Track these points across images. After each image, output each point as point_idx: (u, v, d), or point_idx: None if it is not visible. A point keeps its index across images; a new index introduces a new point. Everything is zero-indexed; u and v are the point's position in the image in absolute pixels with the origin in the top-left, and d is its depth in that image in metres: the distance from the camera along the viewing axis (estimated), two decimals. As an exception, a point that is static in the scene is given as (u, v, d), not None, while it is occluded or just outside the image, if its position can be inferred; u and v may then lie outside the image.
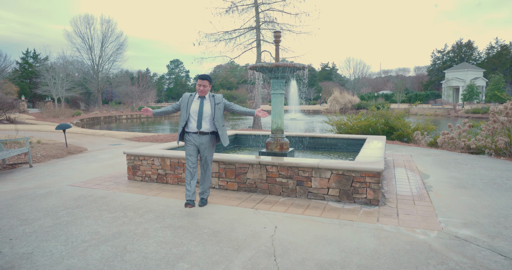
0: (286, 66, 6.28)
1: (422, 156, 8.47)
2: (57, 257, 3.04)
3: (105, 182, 5.77)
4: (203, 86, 4.31)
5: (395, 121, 12.49)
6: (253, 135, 8.87)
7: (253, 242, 3.34)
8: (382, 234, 3.52)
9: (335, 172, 4.62)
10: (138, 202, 4.65)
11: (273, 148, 6.66)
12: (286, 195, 4.90)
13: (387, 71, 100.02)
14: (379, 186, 4.45)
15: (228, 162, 5.18)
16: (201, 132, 4.31)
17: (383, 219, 3.96)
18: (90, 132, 15.60)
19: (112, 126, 31.62)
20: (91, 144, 11.26)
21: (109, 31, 50.29)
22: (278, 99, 6.75)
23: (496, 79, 48.97)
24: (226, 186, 5.25)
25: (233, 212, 4.23)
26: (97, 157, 8.44)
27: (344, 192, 4.61)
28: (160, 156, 5.62)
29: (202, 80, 4.31)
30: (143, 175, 5.83)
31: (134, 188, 5.37)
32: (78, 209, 4.34)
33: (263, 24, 14.54)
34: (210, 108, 4.34)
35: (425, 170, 6.77)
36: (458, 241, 3.36)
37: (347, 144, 8.16)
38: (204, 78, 4.33)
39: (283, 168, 4.87)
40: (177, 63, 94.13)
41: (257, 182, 5.05)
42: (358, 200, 4.56)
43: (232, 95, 61.49)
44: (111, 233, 3.57)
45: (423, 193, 5.05)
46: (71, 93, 45.59)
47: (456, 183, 5.66)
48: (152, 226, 3.74)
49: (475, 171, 6.66)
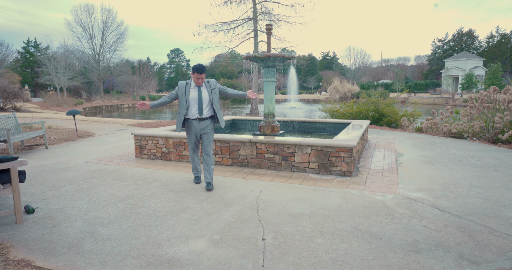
0: (276, 56, 6.97)
1: (404, 139, 9.21)
2: (84, 211, 3.82)
3: (115, 160, 6.54)
4: (201, 79, 4.39)
5: (384, 108, 13.20)
6: (248, 120, 9.60)
7: (241, 201, 4.12)
8: (347, 196, 4.29)
9: (314, 148, 5.37)
10: (146, 174, 5.42)
11: (265, 130, 7.40)
12: (273, 168, 5.67)
13: (387, 60, 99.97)
14: (351, 159, 5.21)
15: (223, 140, 5.93)
16: (200, 118, 4.49)
17: (352, 186, 4.73)
18: (95, 119, 16.36)
19: (114, 115, 32.36)
20: (98, 129, 12.02)
21: (110, 20, 50.55)
22: (269, 86, 7.46)
23: (494, 68, 49.33)
24: (221, 162, 6.02)
25: (227, 181, 5.00)
26: (105, 140, 9.21)
27: (322, 165, 5.37)
28: (164, 136, 6.37)
29: (200, 74, 4.35)
30: (149, 153, 6.60)
31: (142, 164, 6.14)
32: (95, 179, 5.12)
33: (260, 15, 15.11)
34: (208, 94, 4.48)
35: (402, 150, 7.52)
36: (408, 200, 4.13)
37: (335, 127, 8.89)
38: (201, 71, 4.35)
39: (271, 145, 5.62)
40: (178, 52, 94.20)
41: (248, 157, 5.81)
42: (334, 172, 5.32)
43: (233, 84, 61.99)
44: (125, 195, 4.35)
45: (392, 168, 5.80)
46: (73, 83, 46.18)
47: (425, 160, 6.41)
48: (159, 191, 4.52)
49: (446, 151, 7.41)
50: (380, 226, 3.36)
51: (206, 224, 3.44)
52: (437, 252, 2.85)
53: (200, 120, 4.53)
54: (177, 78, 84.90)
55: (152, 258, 2.78)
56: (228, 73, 79.13)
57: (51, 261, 2.76)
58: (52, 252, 2.91)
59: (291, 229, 3.31)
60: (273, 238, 3.11)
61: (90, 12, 49.50)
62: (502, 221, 3.50)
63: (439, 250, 2.89)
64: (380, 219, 3.55)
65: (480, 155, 6.94)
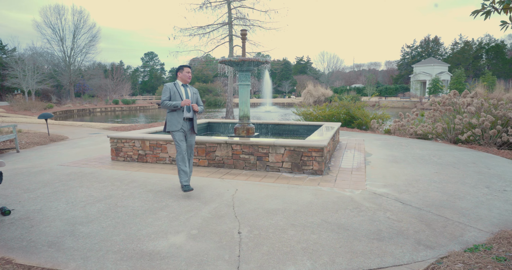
0: (250, 60, 7.21)
1: (373, 140, 9.66)
2: (62, 211, 3.88)
3: (91, 162, 6.54)
4: (190, 73, 4.61)
5: (355, 111, 13.73)
6: (224, 123, 9.78)
7: (217, 199, 4.29)
8: (318, 193, 4.55)
9: (287, 149, 5.63)
10: (123, 175, 5.49)
11: (240, 132, 7.61)
12: (248, 168, 5.87)
13: (359, 65, 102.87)
14: (322, 159, 5.49)
15: (200, 142, 6.08)
16: (186, 118, 4.50)
17: (323, 183, 5.00)
18: (67, 123, 16.02)
19: (86, 119, 31.61)
20: (71, 133, 11.82)
21: (81, 22, 49.39)
22: (244, 90, 7.68)
23: (458, 74, 51.87)
24: (198, 163, 6.16)
25: (203, 181, 5.16)
26: (79, 144, 9.11)
27: (295, 164, 5.63)
28: (141, 138, 6.44)
29: (189, 68, 4.64)
30: (125, 155, 6.64)
31: (118, 166, 6.19)
32: (71, 181, 5.14)
33: (235, 20, 15.36)
34: (191, 95, 4.60)
35: (370, 150, 7.92)
36: (374, 195, 4.44)
37: (307, 129, 9.22)
38: (189, 66, 4.66)
39: (246, 146, 5.83)
40: (152, 56, 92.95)
41: (224, 158, 5.99)
42: (306, 171, 5.59)
43: (208, 88, 61.87)
44: (103, 195, 4.42)
45: (361, 167, 6.15)
46: (42, 86, 44.68)
47: (391, 159, 6.81)
48: (137, 191, 4.62)
49: (411, 150, 7.87)
50: (347, 219, 3.63)
51: (184, 220, 3.59)
52: (397, 239, 3.14)
53: (186, 120, 4.57)
54: (151, 82, 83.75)
55: (133, 252, 2.91)
56: (203, 77, 78.86)
57: (32, 258, 2.84)
58: (33, 250, 2.98)
59: (265, 223, 3.52)
60: (249, 232, 3.31)
61: (60, 14, 48.18)
62: (456, 211, 3.86)
63: (399, 237, 3.18)
64: (348, 212, 3.82)
65: (441, 154, 7.43)
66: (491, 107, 9.14)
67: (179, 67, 4.69)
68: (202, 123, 9.60)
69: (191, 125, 4.67)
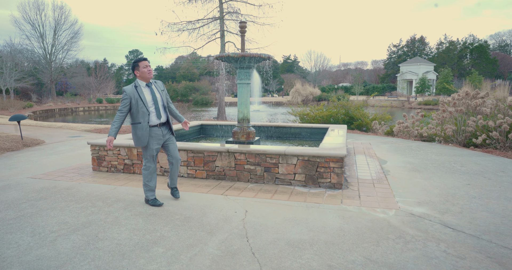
0: (252, 56, 6.39)
1: (380, 144, 8.97)
2: (24, 248, 2.98)
3: (68, 174, 5.60)
4: (149, 66, 3.84)
5: (355, 112, 13.04)
6: (219, 125, 8.92)
7: (225, 225, 3.45)
8: (346, 214, 3.77)
9: (301, 158, 4.83)
10: (106, 192, 4.59)
11: (239, 137, 6.78)
12: (254, 181, 5.05)
13: (346, 64, 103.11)
14: (342, 170, 4.72)
15: (196, 150, 5.22)
16: (161, 124, 3.92)
17: (347, 201, 4.22)
18: (46, 124, 14.84)
19: (68, 119, 30.17)
20: (48, 136, 10.75)
21: (62, 18, 47.55)
22: (244, 89, 6.86)
23: (445, 73, 52.17)
24: (195, 175, 5.30)
25: (204, 198, 4.31)
26: (56, 149, 8.11)
27: (309, 177, 4.84)
28: (127, 146, 5.54)
29: (147, 61, 3.85)
30: (109, 165, 5.72)
31: (100, 179, 5.27)
32: (42, 201, 4.21)
33: (227, 15, 14.47)
34: (159, 95, 3.93)
35: (383, 156, 7.20)
36: (413, 217, 3.68)
37: (311, 133, 8.45)
38: (146, 58, 3.88)
39: (251, 156, 5.00)
40: (137, 54, 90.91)
41: (225, 169, 5.15)
42: (323, 184, 4.80)
43: (195, 87, 60.53)
44: (80, 222, 3.52)
45: (381, 177, 5.40)
46: (21, 84, 42.76)
47: (410, 167, 6.09)
48: (123, 215, 3.74)
49: (427, 156, 7.18)
50: (396, 255, 2.85)
51: (187, 262, 2.75)
52: (472, 289, 2.38)
53: (161, 126, 3.96)
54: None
55: None
56: (190, 76, 77.48)
57: None
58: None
59: (294, 264, 2.71)
60: (274, 279, 2.49)
61: (40, 9, 46.26)
62: (524, 241, 3.13)
63: (473, 285, 2.42)
64: (392, 244, 3.05)
65: (461, 160, 6.77)
66: (507, 108, 8.55)
67: (133, 63, 3.88)
68: (195, 126, 8.72)
69: (167, 129, 4.06)
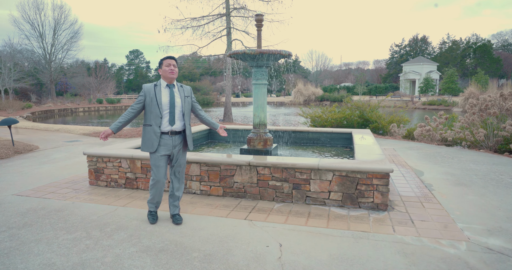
0: (271, 53, 5.63)
1: (405, 150, 8.19)
2: (-6, 307, 2.20)
3: (61, 189, 4.82)
4: (173, 65, 3.43)
5: (370, 113, 12.26)
6: (230, 129, 8.14)
7: (258, 268, 2.67)
8: (407, 249, 2.99)
9: (337, 174, 4.05)
10: (105, 215, 3.80)
11: (255, 144, 6.01)
12: (281, 200, 4.27)
13: (347, 64, 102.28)
14: (388, 189, 3.94)
15: (211, 163, 4.44)
16: (173, 132, 3.44)
17: (400, 229, 3.44)
18: (42, 127, 14.06)
19: (68, 120, 29.41)
20: (43, 141, 9.97)
21: (62, 17, 46.76)
22: (261, 90, 6.12)
23: (450, 73, 51.30)
24: (209, 191, 4.52)
25: (224, 225, 3.52)
26: (50, 157, 7.33)
27: (347, 196, 4.06)
28: (129, 157, 4.76)
29: (171, 59, 3.46)
30: (108, 179, 4.94)
31: (98, 196, 4.49)
32: (25, 229, 3.43)
33: (234, 11, 13.70)
34: (180, 100, 3.48)
35: (415, 165, 6.42)
36: (494, 254, 2.90)
37: (330, 138, 7.68)
38: (172, 57, 3.49)
39: (277, 170, 4.22)
40: (137, 54, 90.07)
41: (246, 186, 4.37)
42: (364, 204, 4.02)
43: (196, 87, 59.63)
44: (70, 264, 2.74)
45: (426, 193, 4.62)
46: (20, 84, 41.98)
47: (454, 180, 5.31)
48: (126, 251, 2.95)
49: (464, 165, 6.40)
50: None
51: None
52: None
53: (172, 135, 3.46)
54: (137, 80, 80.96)
55: None
56: (191, 76, 76.78)
57: None
58: None
59: None
60: None
61: (39, 8, 45.47)
62: None
63: None
64: (488, 301, 2.27)
65: (506, 170, 5.98)
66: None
67: (159, 61, 3.52)
68: (203, 130, 7.94)
69: (180, 140, 3.53)
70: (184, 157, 3.64)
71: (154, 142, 3.39)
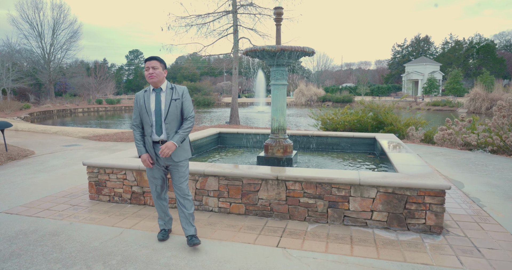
0: (293, 50, 5.03)
1: (430, 155, 7.58)
2: None
3: (57, 206, 4.20)
4: (152, 68, 2.99)
5: (385, 115, 11.66)
6: (242, 133, 7.54)
7: None
8: (489, 293, 2.38)
9: (382, 190, 3.44)
10: (109, 241, 3.19)
11: (274, 151, 5.43)
12: (314, 220, 3.66)
13: (349, 64, 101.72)
14: (443, 208, 3.33)
15: (232, 176, 3.83)
16: (163, 141, 3.06)
17: (467, 261, 2.83)
18: (40, 129, 13.44)
19: (66, 121, 28.80)
20: (40, 145, 9.35)
21: (61, 17, 46.12)
22: (280, 91, 5.54)
23: (455, 73, 50.71)
24: (229, 209, 3.90)
25: (254, 256, 2.91)
26: (47, 164, 6.71)
27: (394, 216, 3.45)
28: (136, 168, 4.14)
29: (150, 61, 3.02)
30: (112, 193, 4.32)
31: (100, 215, 3.87)
32: (12, 262, 2.82)
33: (241, 8, 13.08)
34: (165, 105, 3.04)
35: (450, 175, 5.81)
36: None
37: (351, 143, 7.07)
38: (151, 58, 3.05)
39: (311, 185, 3.60)
40: (137, 54, 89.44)
41: (272, 203, 3.75)
42: (414, 226, 3.41)
43: (196, 87, 58.96)
44: (67, 316, 2.13)
45: (478, 211, 4.01)
46: (19, 84, 41.35)
47: (501, 193, 4.70)
48: (137, 295, 2.34)
49: (503, 174, 5.80)
50: None
51: None
52: None
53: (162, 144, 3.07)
54: (136, 80, 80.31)
55: None
56: (190, 76, 76.17)
57: None
58: None
59: None
60: None
61: (38, 8, 44.82)
62: None
63: None
64: None
65: (553, 181, 5.38)
66: None
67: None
68: (212, 135, 7.34)
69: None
70: (181, 169, 3.12)
71: (150, 152, 3.10)
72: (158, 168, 3.14)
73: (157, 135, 3.05)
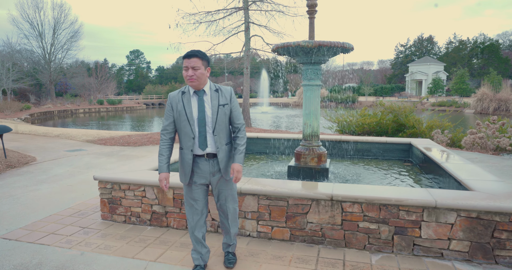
0: (332, 46, 4.42)
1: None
2: None
3: (64, 228, 3.57)
4: (192, 69, 2.40)
5: (406, 117, 11.02)
6: (263, 138, 6.92)
7: None
8: None
9: (464, 215, 2.81)
10: (130, 280, 2.56)
11: (308, 160, 4.81)
12: (376, 249, 3.02)
13: (351, 64, 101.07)
14: (543, 238, 2.70)
15: (275, 196, 3.19)
16: (209, 154, 2.54)
17: None
18: (41, 132, 12.81)
19: (68, 122, 28.19)
20: (42, 149, 8.72)
21: (62, 16, 45.56)
22: (313, 93, 4.92)
23: (461, 73, 50.09)
24: (270, 234, 3.27)
25: (318, 303, 2.28)
26: (50, 173, 6.08)
27: (478, 246, 2.82)
28: (157, 184, 3.51)
29: (189, 59, 2.41)
30: (128, 213, 3.69)
31: (117, 241, 3.24)
32: (12, 312, 2.19)
33: (252, 5, 12.46)
34: (212, 111, 2.50)
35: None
36: None
37: (384, 150, 6.46)
38: (191, 55, 2.40)
39: (373, 207, 2.98)
40: (138, 54, 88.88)
41: (325, 228, 3.12)
42: (504, 260, 2.78)
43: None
44: None
45: None
46: (19, 85, 40.76)
47: None
48: None
49: None
50: None
51: None
52: None
53: (209, 158, 2.55)
54: (137, 81, 79.65)
55: None
56: (192, 76, 75.43)
57: None
58: None
59: None
60: None
61: (39, 7, 44.28)
62: None
63: None
64: None
65: None
66: None
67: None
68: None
69: (215, 167, 2.55)
70: (230, 188, 2.64)
71: (187, 170, 2.53)
72: (201, 187, 2.57)
73: (200, 149, 2.49)
